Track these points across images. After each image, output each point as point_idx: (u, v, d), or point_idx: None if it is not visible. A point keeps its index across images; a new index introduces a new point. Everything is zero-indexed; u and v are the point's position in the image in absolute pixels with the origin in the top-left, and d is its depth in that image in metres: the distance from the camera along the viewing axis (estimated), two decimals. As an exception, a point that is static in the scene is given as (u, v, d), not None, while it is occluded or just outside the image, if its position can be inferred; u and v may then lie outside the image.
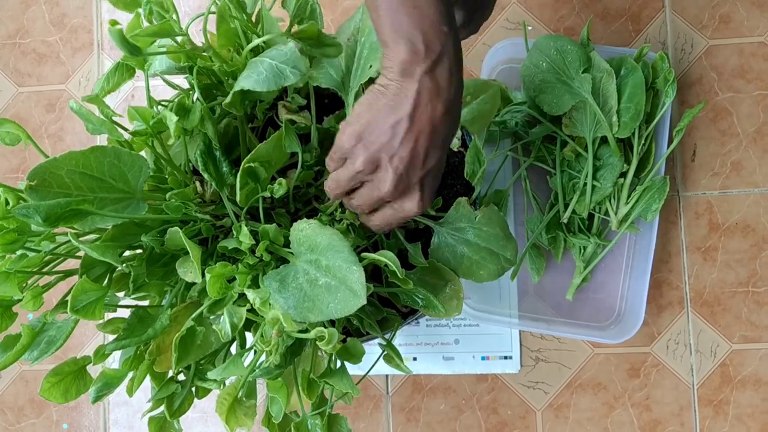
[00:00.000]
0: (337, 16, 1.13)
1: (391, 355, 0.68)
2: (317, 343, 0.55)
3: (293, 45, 0.61)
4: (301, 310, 0.59)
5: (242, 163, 0.62)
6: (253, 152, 0.63)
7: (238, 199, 0.66)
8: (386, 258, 0.61)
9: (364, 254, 0.64)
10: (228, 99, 0.62)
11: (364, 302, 0.56)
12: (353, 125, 0.59)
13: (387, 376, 1.07)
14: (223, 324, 0.55)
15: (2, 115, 1.17)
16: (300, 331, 0.56)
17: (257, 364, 0.57)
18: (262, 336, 0.58)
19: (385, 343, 0.71)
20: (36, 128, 1.16)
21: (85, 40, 1.17)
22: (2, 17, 1.18)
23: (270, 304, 0.57)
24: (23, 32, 1.18)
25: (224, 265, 0.58)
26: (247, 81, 0.62)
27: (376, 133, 0.58)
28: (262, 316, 0.58)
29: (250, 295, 0.57)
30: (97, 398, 0.58)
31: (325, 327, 0.56)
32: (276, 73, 0.61)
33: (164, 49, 0.62)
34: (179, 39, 0.63)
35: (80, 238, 0.64)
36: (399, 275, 0.61)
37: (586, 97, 0.92)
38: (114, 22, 0.54)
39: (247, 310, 0.60)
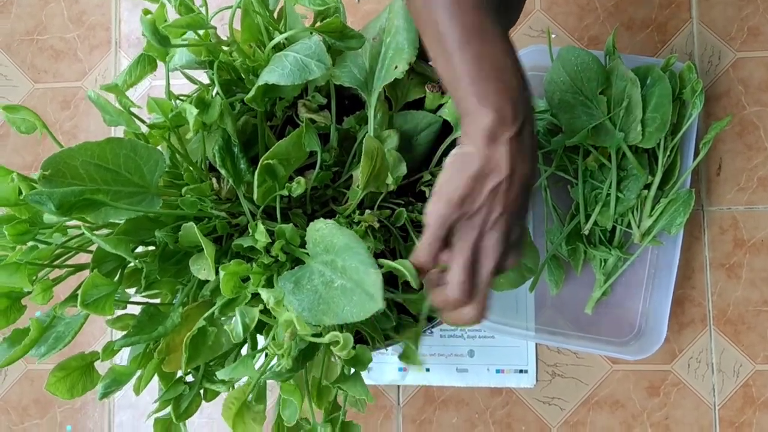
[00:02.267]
0: (357, 19, 1.11)
1: (408, 353, 0.65)
2: (331, 348, 0.53)
3: (318, 38, 0.60)
4: (315, 312, 0.57)
5: (261, 160, 0.61)
6: (272, 149, 0.61)
7: (255, 196, 0.64)
8: (404, 267, 0.59)
9: (381, 261, 0.62)
10: (251, 93, 0.60)
11: (381, 306, 0.54)
12: (445, 193, 0.58)
13: (399, 386, 1.05)
14: (235, 324, 0.53)
15: (18, 111, 1.16)
16: (314, 335, 0.54)
17: (268, 367, 0.54)
18: (274, 338, 0.56)
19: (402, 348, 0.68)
20: (50, 125, 1.15)
21: (102, 38, 1.16)
22: (21, 13, 1.18)
23: (284, 305, 0.55)
24: (41, 28, 1.17)
25: (239, 263, 0.56)
26: (271, 75, 0.60)
27: (473, 197, 0.57)
28: (275, 318, 0.56)
29: (264, 294, 0.55)
30: (105, 394, 0.56)
31: (341, 331, 0.53)
32: (301, 67, 0.60)
33: (187, 42, 0.60)
34: (202, 32, 0.62)
35: (94, 231, 0.63)
36: (413, 284, 0.59)
37: (603, 119, 0.91)
38: (147, 11, 0.53)
39: (260, 311, 0.58)
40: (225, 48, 0.64)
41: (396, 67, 0.73)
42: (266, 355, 0.56)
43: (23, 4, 1.18)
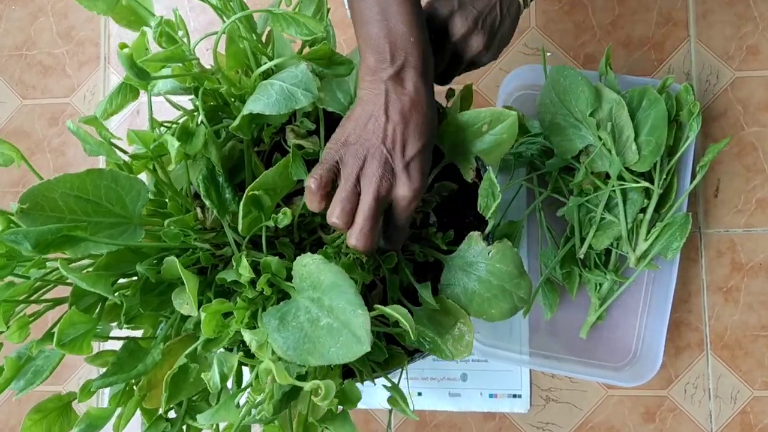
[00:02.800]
0: (348, 37, 1.10)
1: (396, 398, 0.64)
2: (312, 397, 0.51)
3: (305, 66, 0.58)
4: (300, 351, 0.55)
5: (246, 191, 0.59)
6: (257, 180, 0.60)
7: (239, 227, 0.62)
8: (399, 314, 0.57)
9: (376, 306, 0.60)
10: (236, 122, 0.59)
11: (368, 349, 0.53)
12: (336, 135, 0.65)
13: (390, 410, 1.03)
14: (213, 374, 0.51)
15: (6, 128, 1.14)
16: (297, 378, 0.52)
17: (251, 412, 0.53)
18: (257, 377, 0.55)
19: (389, 384, 0.67)
20: (38, 142, 1.13)
21: (91, 54, 1.14)
22: (10, 28, 1.16)
23: (268, 346, 0.53)
24: (30, 44, 1.15)
25: (221, 302, 0.55)
26: (256, 104, 0.59)
27: (357, 134, 0.64)
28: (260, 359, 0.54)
29: (247, 336, 0.54)
30: (80, 440, 0.54)
31: (316, 369, 0.52)
32: (287, 96, 0.58)
33: (171, 72, 0.59)
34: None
35: (74, 264, 0.61)
36: (412, 336, 0.57)
37: (593, 142, 0.89)
38: (123, 45, 0.51)
39: (243, 353, 0.56)
40: (212, 75, 0.63)
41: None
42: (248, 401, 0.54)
43: (12, 18, 1.16)
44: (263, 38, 0.71)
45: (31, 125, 1.13)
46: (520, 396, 1.02)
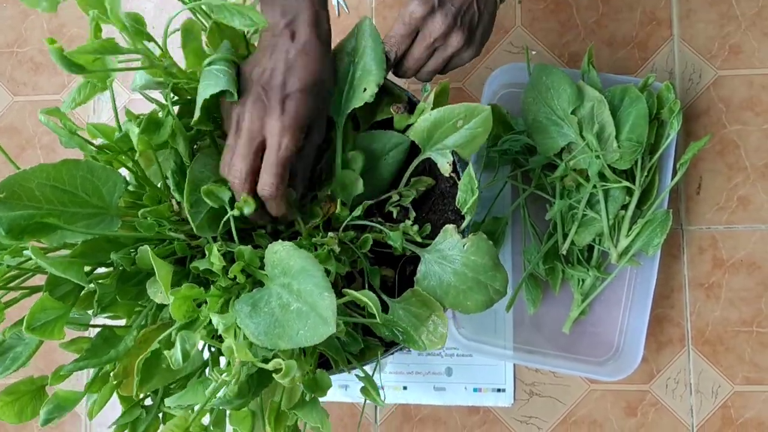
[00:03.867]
0: (337, 34, 1.10)
1: (367, 388, 0.65)
2: (273, 375, 0.52)
3: (227, 43, 0.61)
4: (271, 336, 0.56)
5: (206, 186, 0.60)
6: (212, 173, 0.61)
7: (194, 220, 0.64)
8: (367, 298, 0.58)
9: (345, 290, 0.61)
10: (195, 116, 0.60)
11: (334, 330, 0.54)
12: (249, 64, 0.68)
13: (365, 398, 1.04)
14: (174, 351, 0.52)
15: (-2, 124, 1.16)
16: (263, 361, 0.53)
17: (218, 395, 0.54)
18: (229, 364, 0.56)
19: (362, 375, 0.68)
20: (29, 138, 1.14)
21: (83, 52, 1.15)
22: (1, 26, 1.18)
23: (236, 330, 0.54)
24: (21, 41, 1.17)
25: (191, 287, 0.56)
26: (206, 89, 0.60)
27: (244, 86, 0.66)
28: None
29: (215, 319, 0.55)
30: (47, 420, 0.55)
31: (290, 357, 0.53)
32: (226, 72, 0.60)
33: (118, 67, 0.60)
34: (157, 53, 0.61)
35: (51, 253, 0.62)
36: (379, 320, 0.58)
37: (575, 139, 0.90)
38: (52, 41, 0.52)
39: (216, 336, 0.57)
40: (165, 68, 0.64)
41: (365, 90, 0.73)
42: (214, 381, 0.55)
43: (3, 16, 1.17)
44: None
45: (22, 122, 1.15)
46: (504, 390, 1.03)
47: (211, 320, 0.60)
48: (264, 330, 0.56)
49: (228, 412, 0.59)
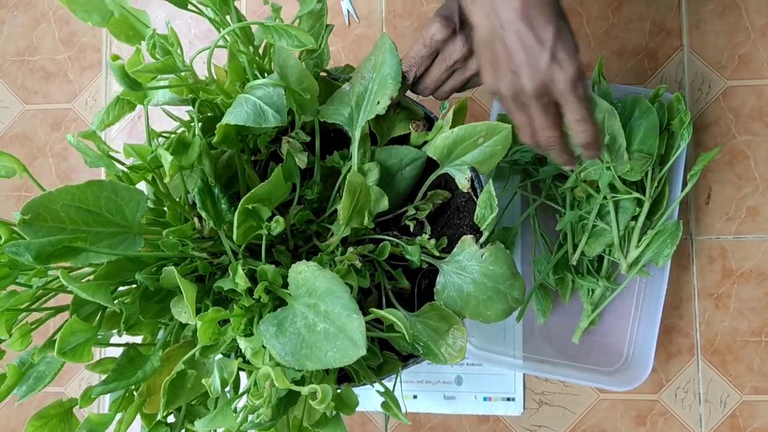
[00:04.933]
0: (348, 44, 1.11)
1: (389, 404, 0.66)
2: (309, 401, 0.53)
3: (281, 90, 0.60)
4: (298, 357, 0.57)
5: (240, 204, 0.60)
6: (251, 192, 0.61)
7: (234, 237, 0.64)
8: (394, 317, 0.59)
9: (372, 309, 0.62)
10: (217, 136, 0.60)
11: (364, 353, 0.54)
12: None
13: (386, 413, 1.04)
14: (213, 379, 0.53)
15: (8, 133, 1.16)
16: (294, 382, 0.54)
17: (248, 417, 0.54)
18: (255, 384, 0.56)
19: (383, 389, 0.68)
20: (41, 147, 1.14)
21: (93, 60, 1.16)
22: (12, 34, 1.18)
23: (263, 354, 0.55)
24: (32, 49, 1.17)
25: (217, 311, 0.56)
26: (230, 116, 0.61)
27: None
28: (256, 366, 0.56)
29: (242, 344, 0.55)
30: (81, 446, 0.56)
31: (312, 375, 0.53)
32: (258, 113, 0.60)
33: (166, 83, 0.60)
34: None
35: (75, 272, 0.62)
36: (407, 339, 0.59)
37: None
38: (115, 57, 0.52)
39: (242, 358, 0.57)
40: (206, 87, 0.64)
41: (378, 103, 0.73)
42: (246, 406, 0.55)
43: (14, 24, 1.17)
44: (261, 49, 0.73)
45: (34, 130, 1.15)
46: (513, 399, 1.03)
47: (232, 339, 0.60)
48: (291, 350, 0.57)
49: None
